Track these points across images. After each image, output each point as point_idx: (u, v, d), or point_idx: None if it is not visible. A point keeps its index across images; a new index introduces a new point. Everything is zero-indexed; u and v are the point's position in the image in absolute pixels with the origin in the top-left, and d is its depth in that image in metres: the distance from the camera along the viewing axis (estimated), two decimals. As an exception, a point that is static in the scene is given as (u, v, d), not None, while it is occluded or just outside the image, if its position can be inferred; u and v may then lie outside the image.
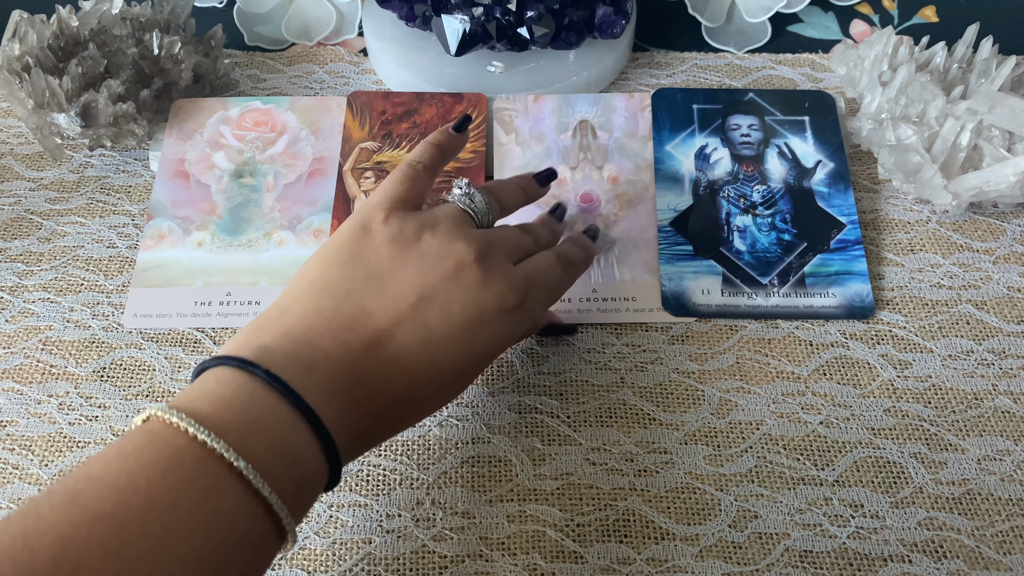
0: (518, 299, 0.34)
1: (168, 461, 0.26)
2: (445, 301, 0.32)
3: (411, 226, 0.34)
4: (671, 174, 0.48)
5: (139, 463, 0.25)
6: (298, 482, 0.28)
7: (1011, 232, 0.47)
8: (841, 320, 0.43)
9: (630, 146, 0.49)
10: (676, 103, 0.51)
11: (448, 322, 0.32)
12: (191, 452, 0.26)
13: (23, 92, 0.47)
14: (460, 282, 0.33)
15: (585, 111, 0.50)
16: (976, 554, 0.36)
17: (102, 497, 0.24)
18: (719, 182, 0.48)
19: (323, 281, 0.32)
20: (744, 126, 0.50)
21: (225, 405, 0.27)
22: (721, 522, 0.37)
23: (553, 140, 0.49)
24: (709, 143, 0.49)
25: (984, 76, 0.48)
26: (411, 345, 0.31)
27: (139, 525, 0.24)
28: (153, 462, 0.25)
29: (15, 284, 0.46)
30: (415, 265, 0.33)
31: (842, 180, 0.47)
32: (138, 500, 0.24)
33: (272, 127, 0.51)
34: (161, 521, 0.24)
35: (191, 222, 0.47)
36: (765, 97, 0.51)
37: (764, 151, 0.49)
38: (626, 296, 0.44)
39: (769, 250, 0.45)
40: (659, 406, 0.41)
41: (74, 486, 0.25)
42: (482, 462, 0.39)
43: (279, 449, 0.27)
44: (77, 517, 0.24)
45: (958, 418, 0.40)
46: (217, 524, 0.25)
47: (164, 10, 0.52)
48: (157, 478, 0.25)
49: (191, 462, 0.26)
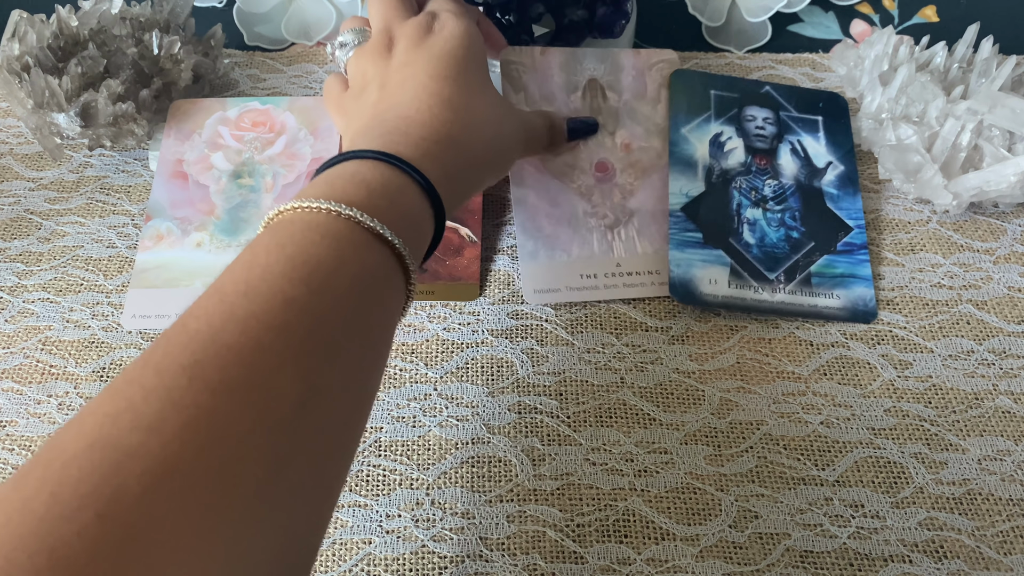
0: (430, 19, 0.38)
1: (296, 233, 0.27)
2: (385, 79, 0.37)
3: (357, 84, 0.39)
4: (685, 158, 0.47)
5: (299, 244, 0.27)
6: (415, 230, 0.31)
7: (1011, 232, 0.47)
8: (842, 321, 0.43)
9: (640, 110, 0.48)
10: (694, 86, 0.50)
11: (407, 65, 0.36)
12: (320, 223, 0.27)
13: (23, 92, 0.47)
14: (391, 63, 0.37)
15: (593, 68, 0.49)
16: (976, 554, 0.36)
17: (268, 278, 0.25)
18: (732, 172, 0.47)
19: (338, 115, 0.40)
20: (759, 118, 0.49)
21: (330, 182, 0.29)
22: (721, 522, 0.37)
23: (563, 101, 0.48)
24: (724, 131, 0.49)
25: (984, 76, 0.48)
26: (401, 90, 0.35)
27: (299, 289, 0.25)
28: (282, 238, 0.27)
29: (15, 284, 0.46)
30: (364, 95, 0.37)
31: (851, 184, 0.47)
32: (301, 268, 0.26)
33: (271, 127, 0.51)
34: (324, 282, 0.26)
35: (190, 223, 0.47)
36: (781, 92, 0.51)
37: (777, 146, 0.49)
38: (650, 270, 0.44)
39: (778, 246, 0.45)
40: (659, 406, 0.41)
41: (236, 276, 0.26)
42: (482, 462, 0.39)
43: (403, 213, 0.30)
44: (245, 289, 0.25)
45: (958, 418, 0.40)
46: (362, 280, 0.27)
47: (164, 10, 0.52)
48: (291, 247, 0.26)
49: (326, 228, 0.27)
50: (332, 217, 0.27)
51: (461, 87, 0.36)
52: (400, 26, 0.38)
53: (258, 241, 0.27)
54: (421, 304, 0.44)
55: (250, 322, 0.24)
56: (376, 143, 0.32)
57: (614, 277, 0.44)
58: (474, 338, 0.43)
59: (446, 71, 0.36)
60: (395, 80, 0.36)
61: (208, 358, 0.23)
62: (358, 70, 0.38)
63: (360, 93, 0.38)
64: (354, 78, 0.39)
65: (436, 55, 0.36)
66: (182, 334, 0.23)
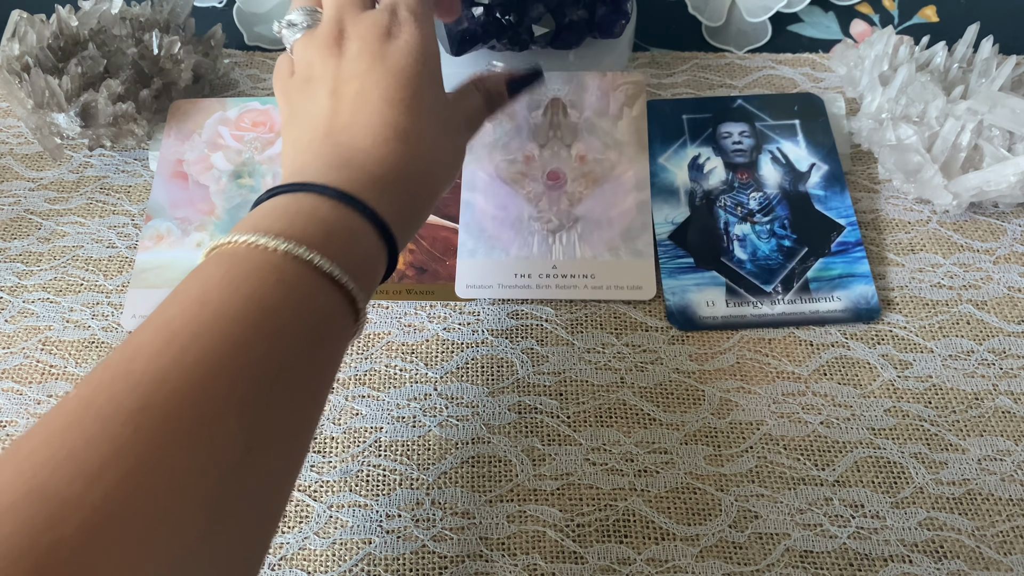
0: (387, 18, 0.34)
1: (251, 272, 0.26)
2: (340, 83, 0.34)
3: (303, 74, 0.36)
4: (666, 187, 0.48)
5: (224, 281, 0.26)
6: (369, 274, 0.30)
7: (1011, 232, 0.47)
8: (846, 323, 0.43)
9: (600, 125, 0.49)
10: (665, 114, 0.50)
11: (354, 84, 0.33)
12: (276, 264, 0.26)
13: (23, 92, 0.47)
14: (343, 61, 0.34)
15: (558, 89, 0.50)
16: (976, 554, 0.36)
17: (198, 318, 0.25)
18: (715, 192, 0.47)
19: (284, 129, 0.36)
20: (735, 133, 0.49)
21: (289, 217, 0.28)
22: (721, 522, 0.37)
23: (524, 117, 0.50)
24: (701, 153, 0.49)
25: (984, 76, 0.48)
26: (354, 111, 0.33)
27: (232, 328, 0.24)
28: (236, 276, 0.26)
29: (15, 284, 0.46)
30: (310, 93, 0.35)
31: (837, 182, 0.47)
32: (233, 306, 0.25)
33: (270, 127, 0.51)
34: (264, 323, 0.25)
35: (190, 223, 0.47)
36: (754, 103, 0.51)
37: (757, 158, 0.48)
38: (585, 274, 0.44)
39: (770, 257, 0.45)
40: (659, 406, 0.41)
41: (164, 314, 0.25)
42: (482, 462, 0.39)
43: (362, 257, 0.29)
44: (167, 338, 0.24)
45: (958, 418, 0.40)
46: (315, 326, 0.27)
47: (164, 10, 0.52)
48: (247, 288, 0.26)
49: (282, 271, 0.26)
50: (290, 259, 0.27)
51: (415, 114, 0.34)
52: (354, 20, 0.35)
53: (209, 275, 0.26)
54: (421, 304, 0.44)
55: (199, 368, 0.23)
56: (333, 176, 0.31)
57: (548, 279, 0.44)
58: (474, 338, 0.43)
59: (401, 94, 0.34)
60: (347, 93, 0.34)
61: (155, 404, 0.22)
62: (303, 59, 0.36)
63: (305, 85, 0.35)
64: (299, 65, 0.36)
65: (392, 72, 0.34)
66: (128, 377, 0.23)
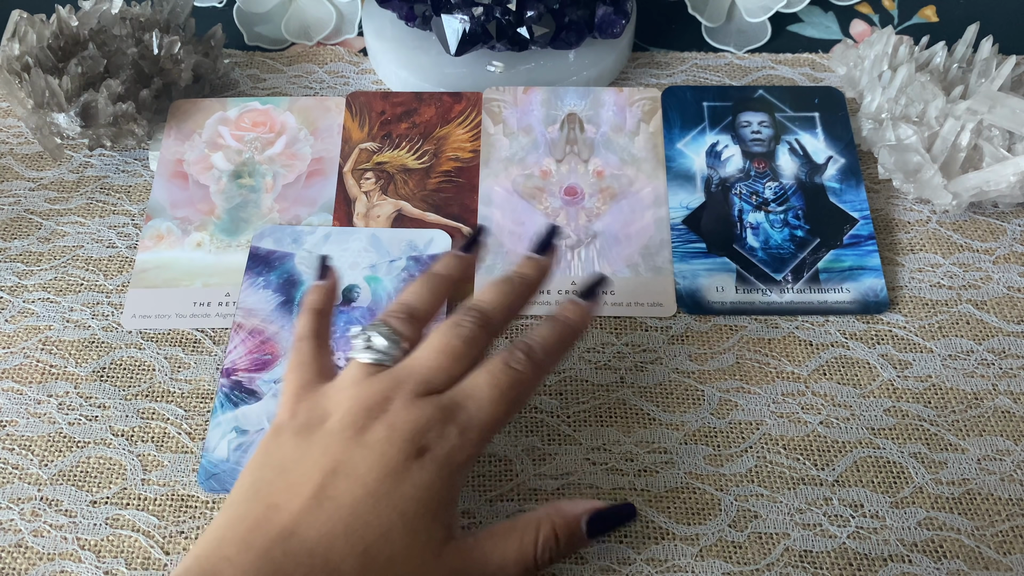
0: (422, 442, 0.31)
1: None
2: (349, 468, 0.30)
3: (316, 412, 0.32)
4: (683, 172, 0.48)
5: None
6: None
7: (1011, 232, 0.47)
8: (848, 317, 0.43)
9: (616, 140, 0.49)
10: (686, 101, 0.51)
11: (356, 487, 0.30)
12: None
13: (23, 92, 0.47)
14: (362, 442, 0.30)
15: (574, 104, 0.51)
16: (976, 554, 0.36)
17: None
18: (731, 179, 0.48)
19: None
20: (755, 123, 0.50)
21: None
22: (721, 522, 0.37)
23: (541, 132, 0.50)
24: (720, 140, 0.49)
25: (984, 76, 0.48)
26: (320, 520, 0.29)
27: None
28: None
29: (15, 284, 0.46)
30: (320, 446, 0.31)
31: (853, 176, 0.48)
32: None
33: (271, 127, 0.51)
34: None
35: (190, 223, 0.47)
36: (775, 94, 0.51)
37: (775, 148, 0.49)
38: (604, 290, 0.44)
39: (782, 246, 0.45)
40: (659, 406, 0.41)
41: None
42: (482, 462, 0.39)
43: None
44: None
45: (958, 418, 0.40)
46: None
47: (164, 10, 0.52)
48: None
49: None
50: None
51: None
52: (409, 407, 0.31)
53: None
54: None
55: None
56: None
57: (568, 295, 0.44)
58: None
59: (414, 536, 0.30)
60: (347, 501, 0.29)
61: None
62: (332, 401, 0.32)
63: (309, 432, 0.31)
64: (318, 403, 0.32)
65: (412, 498, 0.30)
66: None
